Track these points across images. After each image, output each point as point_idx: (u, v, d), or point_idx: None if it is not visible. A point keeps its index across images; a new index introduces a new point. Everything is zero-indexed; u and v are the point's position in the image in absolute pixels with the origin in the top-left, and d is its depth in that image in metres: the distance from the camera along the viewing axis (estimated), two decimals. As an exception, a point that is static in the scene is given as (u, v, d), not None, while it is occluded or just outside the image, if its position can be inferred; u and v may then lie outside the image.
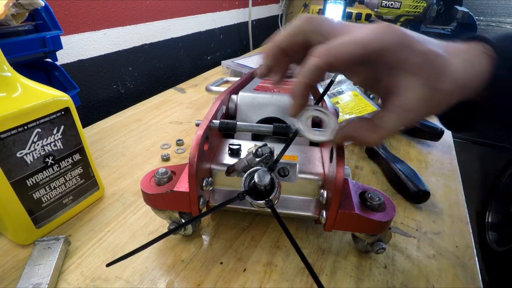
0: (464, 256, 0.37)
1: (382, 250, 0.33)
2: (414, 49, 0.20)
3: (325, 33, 0.22)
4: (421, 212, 0.44)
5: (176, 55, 0.98)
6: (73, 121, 0.37)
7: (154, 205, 0.34)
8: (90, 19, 0.68)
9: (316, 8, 1.50)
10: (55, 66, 0.53)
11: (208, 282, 0.32)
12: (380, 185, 0.49)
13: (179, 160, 0.54)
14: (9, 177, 0.31)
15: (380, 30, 0.20)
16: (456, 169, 0.55)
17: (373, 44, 0.20)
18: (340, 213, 0.30)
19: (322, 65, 0.21)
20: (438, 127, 0.59)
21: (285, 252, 0.36)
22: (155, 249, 0.36)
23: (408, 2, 0.88)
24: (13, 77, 0.33)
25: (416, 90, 0.21)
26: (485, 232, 1.31)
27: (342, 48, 0.20)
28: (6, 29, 0.43)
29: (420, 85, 0.21)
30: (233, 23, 1.24)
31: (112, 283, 0.32)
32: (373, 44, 0.20)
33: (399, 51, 0.20)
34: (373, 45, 0.20)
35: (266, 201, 0.24)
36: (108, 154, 0.54)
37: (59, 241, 0.34)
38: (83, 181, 0.40)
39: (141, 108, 0.73)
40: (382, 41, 0.20)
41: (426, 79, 0.21)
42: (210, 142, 0.34)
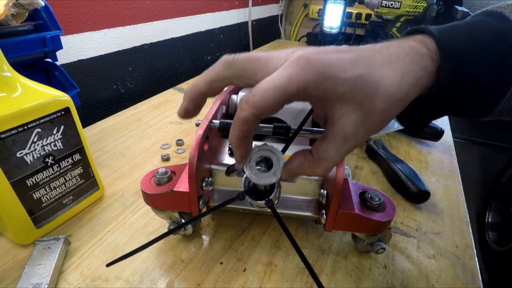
0: (464, 256, 0.37)
1: (382, 250, 0.33)
2: (337, 79, 0.19)
3: (250, 75, 0.21)
4: (421, 212, 0.44)
5: (176, 55, 0.98)
6: (73, 121, 0.37)
7: (154, 205, 0.34)
8: (90, 19, 0.68)
9: (316, 8, 1.50)
10: (55, 66, 0.53)
11: (208, 282, 0.32)
12: (380, 185, 0.49)
13: (179, 160, 0.54)
14: (9, 177, 0.31)
15: (297, 68, 0.19)
16: (456, 169, 0.55)
17: (292, 86, 0.19)
18: (340, 213, 0.30)
19: (250, 118, 0.20)
20: (438, 127, 0.59)
21: (285, 252, 0.36)
22: (155, 249, 0.36)
23: (408, 2, 0.88)
24: (13, 77, 0.33)
25: (349, 117, 0.20)
26: (485, 232, 1.31)
27: (263, 97, 0.19)
28: (6, 29, 0.43)
29: (352, 111, 0.20)
30: (233, 23, 1.24)
31: (112, 283, 0.32)
32: (292, 86, 0.19)
33: (321, 85, 0.19)
34: (292, 87, 0.19)
35: (266, 201, 0.24)
36: (108, 154, 0.54)
37: (59, 241, 0.34)
38: (83, 181, 0.40)
39: (141, 108, 0.73)
40: (300, 81, 0.19)
41: (358, 104, 0.20)
42: (210, 142, 0.34)
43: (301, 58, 0.19)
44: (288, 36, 1.67)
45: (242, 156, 0.22)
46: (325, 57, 0.20)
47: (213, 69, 0.22)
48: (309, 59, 0.19)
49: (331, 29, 0.88)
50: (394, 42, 0.22)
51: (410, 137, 0.64)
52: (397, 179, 0.47)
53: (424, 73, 0.21)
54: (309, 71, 0.19)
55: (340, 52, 0.20)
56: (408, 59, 0.21)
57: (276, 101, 0.19)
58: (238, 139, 0.21)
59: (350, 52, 0.21)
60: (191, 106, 0.24)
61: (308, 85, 0.19)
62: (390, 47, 0.21)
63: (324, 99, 0.20)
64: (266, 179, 0.22)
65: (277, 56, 0.21)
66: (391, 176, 0.49)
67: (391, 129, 0.59)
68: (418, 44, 0.22)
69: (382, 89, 0.20)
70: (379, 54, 0.21)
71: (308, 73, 0.19)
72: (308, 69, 0.19)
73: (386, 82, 0.20)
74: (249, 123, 0.20)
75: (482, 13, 0.24)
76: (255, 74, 0.21)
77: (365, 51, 0.21)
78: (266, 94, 0.19)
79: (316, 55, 0.20)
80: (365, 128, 0.21)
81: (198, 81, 0.23)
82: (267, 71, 0.21)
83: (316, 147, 0.22)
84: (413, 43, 0.22)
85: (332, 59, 0.20)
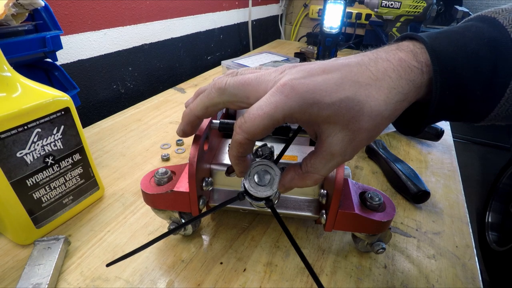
0: (464, 256, 0.37)
1: (382, 250, 0.33)
2: (322, 103, 0.20)
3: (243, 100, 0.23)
4: (421, 212, 0.44)
5: (176, 55, 0.98)
6: (73, 121, 0.37)
7: (154, 205, 0.34)
8: (90, 19, 0.68)
9: (316, 8, 1.50)
10: (55, 66, 0.53)
11: (208, 282, 0.32)
12: (380, 185, 0.49)
13: (179, 160, 0.54)
14: (9, 177, 0.31)
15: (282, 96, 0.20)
16: (456, 169, 0.55)
17: (278, 113, 0.20)
18: (340, 213, 0.30)
19: (243, 141, 0.22)
20: (438, 127, 0.59)
21: (285, 252, 0.36)
22: (155, 249, 0.36)
23: (408, 2, 0.88)
24: (13, 77, 0.33)
25: (336, 136, 0.21)
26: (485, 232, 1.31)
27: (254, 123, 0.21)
28: (6, 29, 0.43)
29: (339, 131, 0.21)
30: (233, 23, 1.24)
31: (112, 283, 0.32)
32: (278, 113, 0.20)
33: (306, 110, 0.20)
34: (278, 114, 0.20)
35: (266, 201, 0.24)
36: (108, 154, 0.54)
37: (59, 241, 0.34)
38: (83, 181, 0.40)
39: (141, 108, 0.73)
40: (286, 108, 0.20)
41: (344, 125, 0.21)
42: (210, 142, 0.34)
43: (286, 86, 0.20)
44: (288, 36, 1.67)
45: (241, 171, 0.24)
46: (310, 83, 0.21)
47: (208, 95, 0.24)
48: (293, 86, 0.20)
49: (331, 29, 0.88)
50: (384, 54, 0.22)
51: (410, 137, 0.64)
52: (397, 179, 0.47)
53: (413, 87, 0.21)
54: (294, 98, 0.20)
55: (326, 73, 0.21)
56: (396, 74, 0.21)
57: (265, 127, 0.21)
58: (235, 159, 0.23)
59: (336, 72, 0.21)
60: (189, 128, 0.26)
61: (293, 111, 0.20)
62: (378, 61, 0.21)
63: (310, 122, 0.22)
64: (263, 192, 0.24)
65: (266, 78, 0.22)
66: (391, 176, 0.49)
67: (391, 129, 0.59)
68: (408, 56, 0.22)
69: (368, 109, 0.20)
70: (366, 71, 0.21)
71: (292, 101, 0.20)
72: (293, 97, 0.20)
73: (371, 102, 0.21)
74: (243, 146, 0.22)
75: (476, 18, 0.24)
76: (248, 98, 0.23)
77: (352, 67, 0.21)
78: (256, 121, 0.21)
79: (301, 81, 0.21)
80: (352, 146, 0.22)
81: (194, 106, 0.25)
82: (258, 94, 0.22)
83: (306, 161, 0.24)
84: (402, 55, 0.22)
85: (316, 83, 0.21)
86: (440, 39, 0.22)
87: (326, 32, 0.89)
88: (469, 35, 0.22)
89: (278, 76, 0.22)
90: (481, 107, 0.22)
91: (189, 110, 0.25)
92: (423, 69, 0.21)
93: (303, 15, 1.58)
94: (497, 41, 0.21)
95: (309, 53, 1.14)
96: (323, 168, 0.23)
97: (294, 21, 1.61)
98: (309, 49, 1.19)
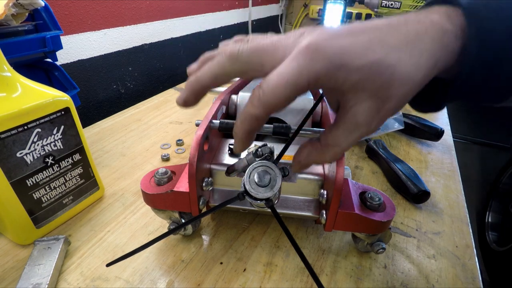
0: (464, 256, 0.37)
1: (382, 250, 0.33)
2: (349, 67, 0.18)
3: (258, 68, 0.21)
4: (421, 212, 0.44)
5: (176, 55, 0.98)
6: (73, 121, 0.37)
7: (154, 205, 0.34)
8: (90, 19, 0.68)
9: (316, 8, 1.50)
10: (55, 66, 0.53)
11: (208, 282, 0.32)
12: (380, 185, 0.49)
13: (179, 160, 0.54)
14: (9, 177, 0.31)
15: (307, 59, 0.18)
16: (456, 169, 0.55)
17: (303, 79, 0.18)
18: (340, 213, 0.30)
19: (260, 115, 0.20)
20: (438, 127, 0.59)
21: (285, 252, 0.36)
22: (155, 249, 0.36)
23: (408, 2, 0.88)
24: (13, 77, 0.33)
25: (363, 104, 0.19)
26: (485, 232, 1.31)
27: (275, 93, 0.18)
28: (6, 29, 0.43)
29: (367, 98, 0.19)
30: (233, 23, 1.24)
31: (112, 283, 0.32)
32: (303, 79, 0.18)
33: (333, 75, 0.18)
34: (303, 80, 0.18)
35: (266, 201, 0.24)
36: (108, 154, 0.54)
37: (59, 241, 0.34)
38: (83, 181, 0.40)
39: (141, 108, 0.73)
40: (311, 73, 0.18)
41: (373, 92, 0.19)
42: (210, 142, 0.34)
43: (310, 47, 0.18)
44: (288, 36, 1.67)
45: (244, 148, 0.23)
46: (336, 44, 0.18)
47: (218, 63, 0.21)
48: (318, 48, 0.18)
49: (331, 29, 0.89)
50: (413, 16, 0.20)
51: (410, 137, 0.64)
52: (397, 179, 0.47)
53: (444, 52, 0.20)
54: (320, 62, 0.18)
55: (353, 35, 0.19)
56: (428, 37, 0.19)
57: (288, 97, 0.19)
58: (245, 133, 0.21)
59: (363, 34, 0.19)
60: (192, 98, 0.23)
61: (319, 76, 0.18)
62: (409, 23, 0.20)
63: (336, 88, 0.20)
64: (264, 194, 0.23)
65: (284, 43, 0.20)
66: (391, 176, 0.49)
67: (391, 129, 0.59)
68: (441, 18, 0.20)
69: (399, 74, 0.19)
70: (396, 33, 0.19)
71: (318, 64, 0.18)
72: (318, 60, 0.18)
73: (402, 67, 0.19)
74: (259, 120, 0.20)
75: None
76: (263, 66, 0.20)
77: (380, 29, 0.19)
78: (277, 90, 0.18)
79: (326, 42, 0.18)
80: (380, 115, 0.20)
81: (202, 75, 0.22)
82: (275, 61, 0.20)
83: (326, 133, 0.22)
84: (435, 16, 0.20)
85: (343, 45, 0.18)
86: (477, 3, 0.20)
87: (326, 32, 0.89)
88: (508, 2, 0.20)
89: (298, 39, 0.20)
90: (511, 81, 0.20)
91: (194, 78, 0.23)
92: (457, 33, 0.20)
93: (303, 15, 1.58)
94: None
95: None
96: (345, 140, 0.21)
97: (294, 21, 1.61)
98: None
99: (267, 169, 0.24)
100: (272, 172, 0.24)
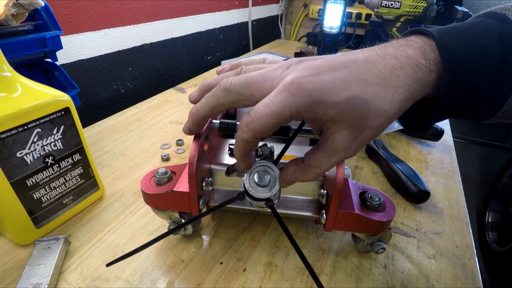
0: (464, 256, 0.37)
1: (382, 250, 0.33)
2: (328, 102, 0.20)
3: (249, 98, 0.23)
4: (421, 212, 0.44)
5: (176, 55, 0.98)
6: (73, 121, 0.37)
7: (154, 205, 0.34)
8: (90, 19, 0.68)
9: (316, 8, 1.50)
10: (55, 66, 0.53)
11: (208, 282, 0.32)
12: (380, 185, 0.49)
13: (179, 160, 0.54)
14: (9, 177, 0.31)
15: (289, 95, 0.20)
16: (456, 169, 0.55)
17: (286, 111, 0.20)
18: (340, 213, 0.30)
19: (250, 139, 0.22)
20: (438, 127, 0.59)
21: (285, 252, 0.36)
22: (155, 249, 0.36)
23: (408, 2, 0.88)
24: (13, 77, 0.33)
25: (341, 132, 0.21)
26: (485, 232, 1.31)
27: (261, 122, 0.21)
28: (6, 29, 0.43)
29: (344, 128, 0.21)
30: (233, 23, 1.24)
31: (112, 283, 0.32)
32: (286, 111, 0.20)
33: (313, 109, 0.20)
34: (286, 113, 0.20)
35: (266, 201, 0.24)
36: (108, 154, 0.54)
37: (59, 241, 0.34)
38: (83, 181, 0.40)
39: (141, 108, 0.73)
40: (293, 107, 0.20)
41: (350, 123, 0.21)
42: (210, 142, 0.34)
43: (293, 84, 0.20)
44: (288, 36, 1.67)
45: (246, 167, 0.25)
46: (317, 81, 0.20)
47: (214, 95, 0.24)
48: (300, 84, 0.20)
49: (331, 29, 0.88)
50: (392, 50, 0.22)
51: (410, 137, 0.64)
52: (397, 179, 0.47)
53: (419, 85, 0.21)
54: (301, 97, 0.20)
55: (333, 70, 0.21)
56: (403, 73, 0.21)
57: (272, 125, 0.21)
58: (241, 156, 0.24)
59: (343, 70, 0.21)
60: (195, 127, 0.27)
61: (300, 110, 0.20)
62: (386, 59, 0.21)
63: (316, 120, 0.22)
64: (263, 193, 0.24)
65: (272, 75, 0.22)
66: (391, 176, 0.49)
67: (391, 129, 0.59)
68: (416, 53, 0.21)
69: (374, 108, 0.21)
70: (373, 69, 0.21)
71: (300, 99, 0.20)
72: (300, 96, 0.20)
73: (378, 101, 0.21)
74: (249, 144, 0.22)
75: (485, 15, 0.24)
76: (253, 96, 0.23)
77: (359, 64, 0.21)
78: (263, 120, 0.21)
79: (308, 79, 0.20)
80: (356, 143, 0.22)
81: (201, 107, 0.25)
82: (264, 91, 0.22)
83: (308, 155, 0.24)
84: (411, 52, 0.22)
85: (323, 82, 0.20)
86: (449, 35, 0.22)
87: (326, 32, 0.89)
88: (478, 31, 0.22)
89: (284, 73, 0.22)
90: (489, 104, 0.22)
91: (195, 110, 0.26)
92: (431, 67, 0.21)
93: (303, 15, 1.58)
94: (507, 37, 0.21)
95: (309, 53, 1.14)
96: (325, 163, 0.23)
97: (294, 21, 1.61)
98: (309, 49, 1.19)
99: (267, 169, 0.25)
100: (272, 172, 0.25)
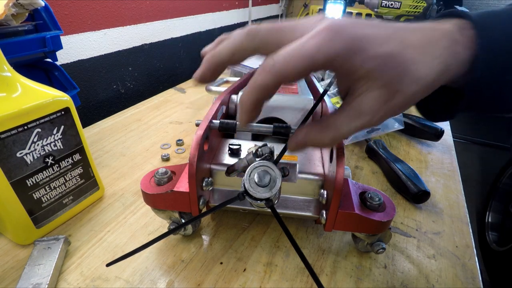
0: (464, 256, 0.37)
1: (382, 250, 0.33)
2: (367, 54, 0.19)
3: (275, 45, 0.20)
4: (421, 212, 0.44)
5: (176, 55, 0.98)
6: (73, 121, 0.37)
7: (154, 205, 0.34)
8: (90, 19, 0.68)
9: (316, 8, 1.50)
10: (55, 66, 0.53)
11: (208, 282, 0.32)
12: (380, 185, 0.49)
13: (179, 160, 0.54)
14: (9, 177, 0.31)
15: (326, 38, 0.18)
16: (456, 169, 0.55)
17: (320, 56, 0.18)
18: (340, 213, 0.30)
19: (271, 84, 0.19)
20: (438, 127, 0.59)
21: (285, 252, 0.36)
22: (155, 249, 0.36)
23: (408, 2, 0.88)
24: (13, 77, 0.33)
25: (372, 93, 0.20)
26: (485, 232, 1.31)
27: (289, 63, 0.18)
28: (6, 29, 0.43)
29: (376, 88, 0.19)
30: (233, 23, 1.24)
31: (112, 283, 0.32)
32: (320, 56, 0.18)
33: (349, 58, 0.19)
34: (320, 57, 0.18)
35: (266, 201, 0.24)
36: (108, 154, 0.54)
37: (59, 241, 0.34)
38: (83, 181, 0.40)
39: (141, 108, 0.73)
40: (329, 51, 0.18)
41: (384, 82, 0.19)
42: (210, 142, 0.34)
43: (332, 28, 0.18)
44: (288, 36, 1.67)
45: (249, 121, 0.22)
46: (359, 30, 0.19)
47: (236, 39, 0.21)
48: (340, 29, 0.18)
49: (331, 29, 0.89)
50: (429, 24, 0.21)
51: (410, 137, 0.64)
52: (397, 179, 0.47)
53: (455, 60, 0.20)
54: (339, 43, 0.18)
55: (375, 27, 0.20)
56: (441, 44, 0.20)
57: (302, 69, 0.18)
58: (252, 104, 0.21)
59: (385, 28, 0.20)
60: (209, 73, 0.23)
61: (336, 57, 0.18)
62: (425, 29, 0.20)
63: (350, 72, 0.20)
64: (263, 194, 0.24)
65: (302, 25, 0.20)
66: (391, 176, 0.49)
67: (391, 129, 0.59)
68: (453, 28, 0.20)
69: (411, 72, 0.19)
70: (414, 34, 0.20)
71: (337, 45, 0.18)
72: (339, 40, 0.18)
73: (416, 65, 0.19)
74: (269, 90, 0.20)
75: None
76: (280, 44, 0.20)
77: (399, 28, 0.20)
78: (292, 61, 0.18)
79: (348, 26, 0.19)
80: (386, 107, 0.20)
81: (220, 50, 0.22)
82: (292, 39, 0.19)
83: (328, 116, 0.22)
84: (448, 26, 0.20)
85: (365, 32, 0.19)
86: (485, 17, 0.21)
87: (326, 32, 0.89)
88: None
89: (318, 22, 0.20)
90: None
91: (211, 55, 0.23)
92: (467, 44, 0.20)
93: (303, 15, 1.58)
94: None
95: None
96: (346, 126, 0.21)
97: (294, 21, 1.61)
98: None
99: (267, 169, 0.24)
100: (272, 172, 0.24)
